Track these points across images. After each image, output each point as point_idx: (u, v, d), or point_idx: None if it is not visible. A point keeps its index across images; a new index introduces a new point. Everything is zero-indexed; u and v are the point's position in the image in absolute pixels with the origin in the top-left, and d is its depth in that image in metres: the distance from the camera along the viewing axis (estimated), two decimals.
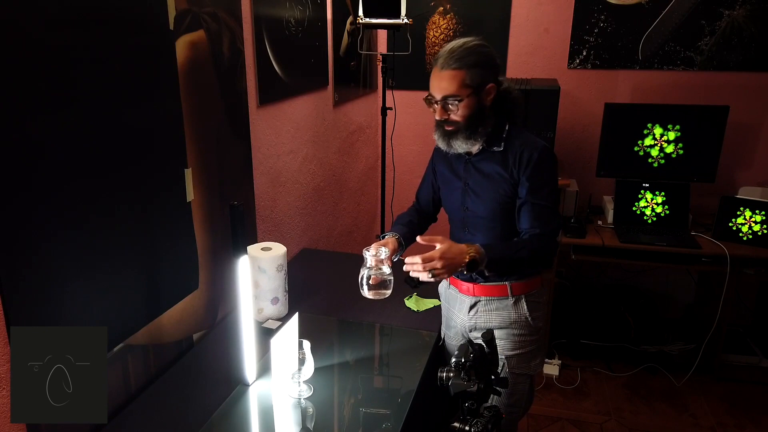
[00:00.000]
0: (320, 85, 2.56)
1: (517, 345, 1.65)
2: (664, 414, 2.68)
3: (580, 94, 3.21)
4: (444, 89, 1.50)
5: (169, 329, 1.60)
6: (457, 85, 1.48)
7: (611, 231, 2.90)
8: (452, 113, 1.52)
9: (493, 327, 1.65)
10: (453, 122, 1.54)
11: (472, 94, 1.50)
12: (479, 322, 1.68)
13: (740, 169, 3.13)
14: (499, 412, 1.23)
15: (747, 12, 2.90)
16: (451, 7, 3.26)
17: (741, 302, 3.16)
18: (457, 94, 1.49)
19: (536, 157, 1.52)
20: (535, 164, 1.52)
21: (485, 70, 1.50)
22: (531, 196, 1.54)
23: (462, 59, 1.48)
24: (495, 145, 1.58)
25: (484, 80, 1.51)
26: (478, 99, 1.52)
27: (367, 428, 1.37)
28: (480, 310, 1.68)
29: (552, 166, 1.56)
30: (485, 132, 1.55)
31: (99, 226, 1.30)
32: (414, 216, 1.84)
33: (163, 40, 1.47)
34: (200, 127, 1.65)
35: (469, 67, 1.48)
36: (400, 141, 3.43)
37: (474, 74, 1.48)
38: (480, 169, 1.61)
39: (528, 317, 1.64)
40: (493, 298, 1.66)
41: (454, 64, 1.48)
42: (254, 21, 1.93)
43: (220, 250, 1.80)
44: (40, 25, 1.11)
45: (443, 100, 1.51)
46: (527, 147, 1.54)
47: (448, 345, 1.83)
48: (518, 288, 1.64)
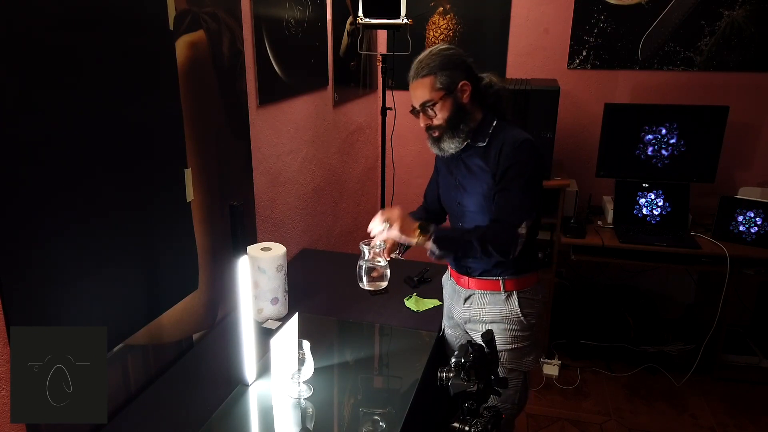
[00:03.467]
0: (320, 85, 2.56)
1: (509, 340, 1.68)
2: (664, 414, 2.68)
3: (579, 95, 3.21)
4: (419, 97, 1.59)
5: (169, 329, 1.60)
6: (429, 90, 1.57)
7: (611, 231, 2.90)
8: (434, 118, 1.60)
9: (486, 320, 1.70)
10: (436, 126, 1.61)
11: (446, 95, 1.57)
12: (473, 314, 1.73)
13: (740, 169, 3.13)
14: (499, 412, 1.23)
15: (747, 12, 2.90)
16: (451, 7, 3.26)
17: (741, 302, 3.16)
18: (431, 98, 1.57)
19: (513, 150, 1.55)
20: (511, 157, 1.55)
21: (453, 71, 1.57)
22: (502, 187, 1.57)
23: (429, 65, 1.57)
24: (479, 141, 1.62)
25: (455, 80, 1.57)
26: (454, 99, 1.58)
27: (367, 428, 1.37)
28: (474, 303, 1.72)
29: (528, 160, 1.55)
30: (469, 129, 1.60)
31: (99, 226, 1.30)
32: (422, 214, 1.90)
33: (163, 40, 1.47)
34: (200, 127, 1.66)
35: (436, 71, 1.56)
36: (400, 141, 3.43)
37: (443, 76, 1.56)
38: (468, 165, 1.66)
39: (519, 313, 1.67)
40: (486, 292, 1.70)
41: (422, 72, 1.57)
42: (254, 21, 1.93)
43: (220, 250, 1.80)
44: (40, 25, 1.11)
45: (422, 108, 1.60)
46: (507, 141, 1.57)
47: (447, 336, 1.88)
48: (511, 284, 1.67)
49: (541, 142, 2.74)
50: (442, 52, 1.58)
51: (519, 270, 1.67)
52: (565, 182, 2.80)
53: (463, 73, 1.58)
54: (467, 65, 1.60)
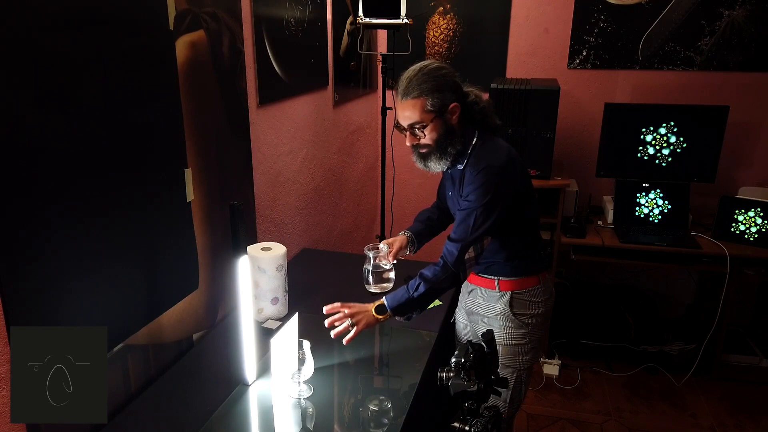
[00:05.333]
0: (320, 85, 2.56)
1: (504, 337, 1.71)
2: (664, 414, 2.68)
3: (580, 94, 3.21)
4: (408, 118, 1.56)
5: (169, 329, 1.60)
6: (419, 113, 1.54)
7: (611, 231, 2.90)
8: (421, 138, 1.58)
9: (483, 314, 1.75)
10: (424, 145, 1.59)
11: (436, 117, 1.55)
12: (473, 307, 1.78)
13: (740, 169, 3.13)
14: (499, 412, 1.23)
15: (747, 12, 2.90)
16: (451, 7, 3.26)
17: (741, 302, 3.16)
18: (421, 120, 1.54)
19: (475, 173, 1.55)
20: (473, 179, 1.55)
21: (444, 93, 1.54)
22: (461, 206, 1.59)
23: (420, 86, 1.52)
24: (459, 164, 1.63)
25: (445, 102, 1.54)
26: (443, 121, 1.56)
27: (367, 428, 1.37)
28: (476, 297, 1.77)
29: (489, 184, 1.53)
30: (456, 151, 1.59)
31: (99, 226, 1.30)
32: (434, 213, 1.92)
33: (163, 40, 1.47)
34: (200, 127, 1.65)
35: (428, 93, 1.52)
36: (400, 141, 3.40)
37: (434, 99, 1.52)
38: (453, 180, 1.70)
39: (510, 313, 1.69)
40: (485, 288, 1.74)
41: (413, 93, 1.53)
42: (254, 21, 1.93)
43: (220, 250, 1.80)
44: (40, 25, 1.11)
45: (410, 128, 1.57)
46: (474, 164, 1.57)
47: (457, 323, 1.93)
48: (505, 285, 1.70)
49: (541, 142, 2.74)
50: (433, 72, 1.54)
51: (514, 273, 1.69)
52: (565, 182, 2.80)
53: (454, 95, 1.56)
54: (457, 85, 1.58)
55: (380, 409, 1.38)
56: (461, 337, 1.90)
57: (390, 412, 1.39)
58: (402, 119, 1.58)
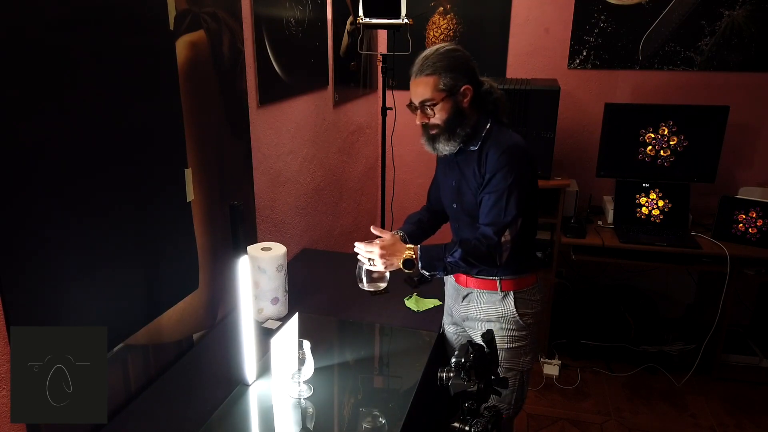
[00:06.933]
0: (320, 85, 2.56)
1: (505, 340, 1.68)
2: (664, 414, 2.68)
3: (580, 95, 3.21)
4: (420, 95, 1.57)
5: (169, 329, 1.60)
6: (431, 90, 1.55)
7: (611, 231, 2.90)
8: (431, 117, 1.58)
9: (482, 319, 1.72)
10: (433, 125, 1.60)
11: (447, 96, 1.56)
12: (471, 313, 1.74)
13: (740, 169, 3.13)
14: (499, 412, 1.23)
15: (747, 12, 2.90)
16: (451, 7, 3.26)
17: (741, 302, 3.16)
18: (432, 98, 1.56)
19: (497, 156, 1.55)
20: (495, 163, 1.55)
21: (458, 73, 1.55)
22: (486, 192, 1.57)
23: (434, 65, 1.54)
24: (472, 145, 1.62)
25: (458, 83, 1.55)
26: (455, 101, 1.57)
27: (366, 428, 1.37)
28: (472, 301, 1.74)
29: (513, 164, 1.54)
30: (465, 133, 1.59)
31: (99, 226, 1.30)
32: (424, 215, 1.90)
33: (163, 40, 1.47)
34: (200, 127, 1.65)
35: (441, 72, 1.54)
36: (400, 141, 3.43)
37: (447, 78, 1.54)
38: (462, 168, 1.66)
39: (515, 314, 1.67)
40: (483, 291, 1.71)
41: (427, 70, 1.55)
42: (254, 21, 1.93)
43: (220, 250, 1.80)
44: (40, 24, 1.11)
45: (421, 105, 1.58)
46: (495, 145, 1.57)
47: (446, 333, 1.89)
48: (507, 284, 1.68)
49: (541, 142, 2.74)
50: (450, 53, 1.56)
51: (516, 270, 1.67)
52: (565, 182, 2.80)
53: (467, 77, 1.57)
54: (472, 69, 1.59)
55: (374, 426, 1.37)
56: (454, 347, 1.86)
57: (384, 427, 1.38)
58: (414, 96, 1.59)
